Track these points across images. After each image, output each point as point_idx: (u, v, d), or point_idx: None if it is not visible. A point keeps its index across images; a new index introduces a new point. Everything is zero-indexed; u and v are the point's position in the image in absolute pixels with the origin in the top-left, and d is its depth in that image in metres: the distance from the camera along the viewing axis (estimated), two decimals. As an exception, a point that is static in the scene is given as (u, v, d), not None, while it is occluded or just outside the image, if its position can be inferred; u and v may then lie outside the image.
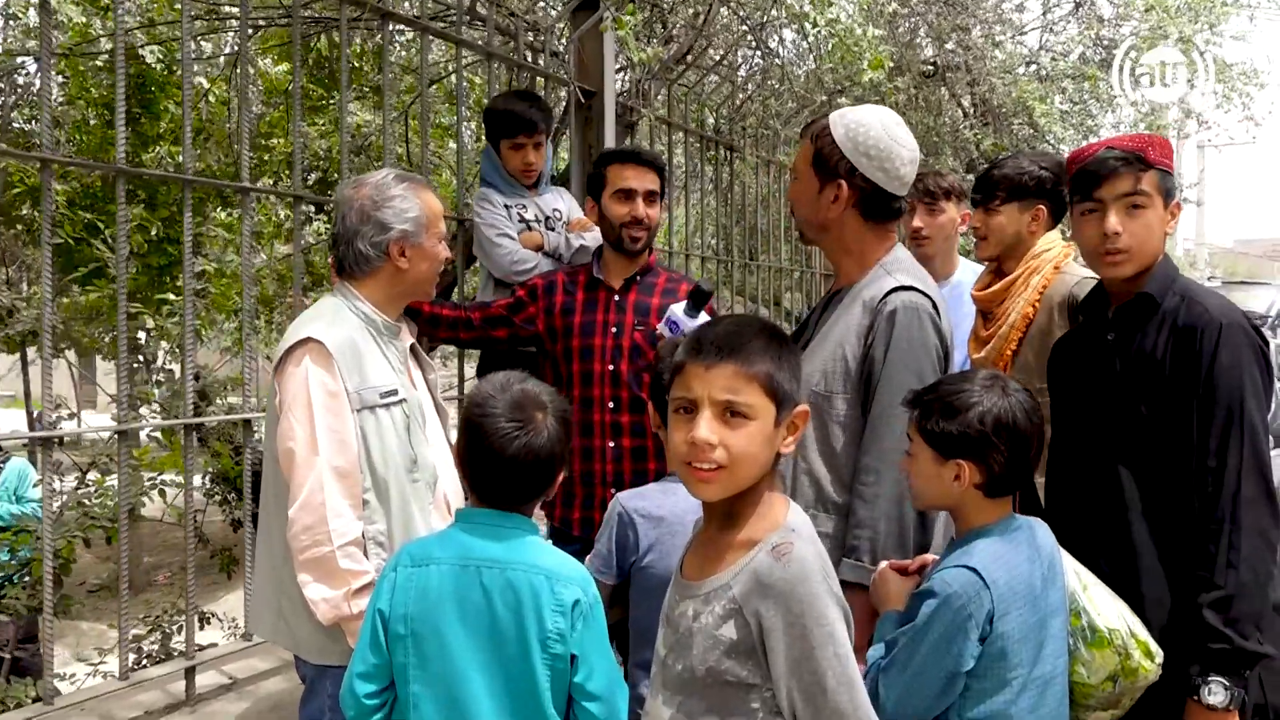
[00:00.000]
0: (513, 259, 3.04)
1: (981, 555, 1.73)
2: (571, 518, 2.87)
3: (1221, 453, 1.91)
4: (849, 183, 2.18)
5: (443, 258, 2.31)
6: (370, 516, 2.11)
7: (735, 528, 1.52)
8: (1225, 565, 1.86)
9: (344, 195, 2.27)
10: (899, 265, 2.22)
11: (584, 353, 2.85)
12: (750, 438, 1.46)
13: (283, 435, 2.08)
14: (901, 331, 2.09)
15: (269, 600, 2.19)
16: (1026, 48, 9.56)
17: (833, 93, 5.72)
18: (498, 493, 1.78)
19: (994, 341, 2.75)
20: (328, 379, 2.08)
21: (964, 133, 8.73)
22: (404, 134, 5.15)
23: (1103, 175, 2.08)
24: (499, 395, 1.76)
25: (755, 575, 1.45)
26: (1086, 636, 1.82)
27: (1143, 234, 2.07)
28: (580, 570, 1.77)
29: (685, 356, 1.50)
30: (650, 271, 2.92)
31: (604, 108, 3.97)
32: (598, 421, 2.82)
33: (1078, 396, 2.18)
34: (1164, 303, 2.06)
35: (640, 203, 2.83)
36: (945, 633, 1.68)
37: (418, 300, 2.49)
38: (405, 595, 1.75)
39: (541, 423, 1.75)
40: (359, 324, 2.20)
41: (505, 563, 1.73)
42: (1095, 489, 2.09)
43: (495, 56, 3.65)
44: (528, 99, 3.19)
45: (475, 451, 1.76)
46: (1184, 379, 1.97)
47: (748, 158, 5.55)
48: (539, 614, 1.69)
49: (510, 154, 3.10)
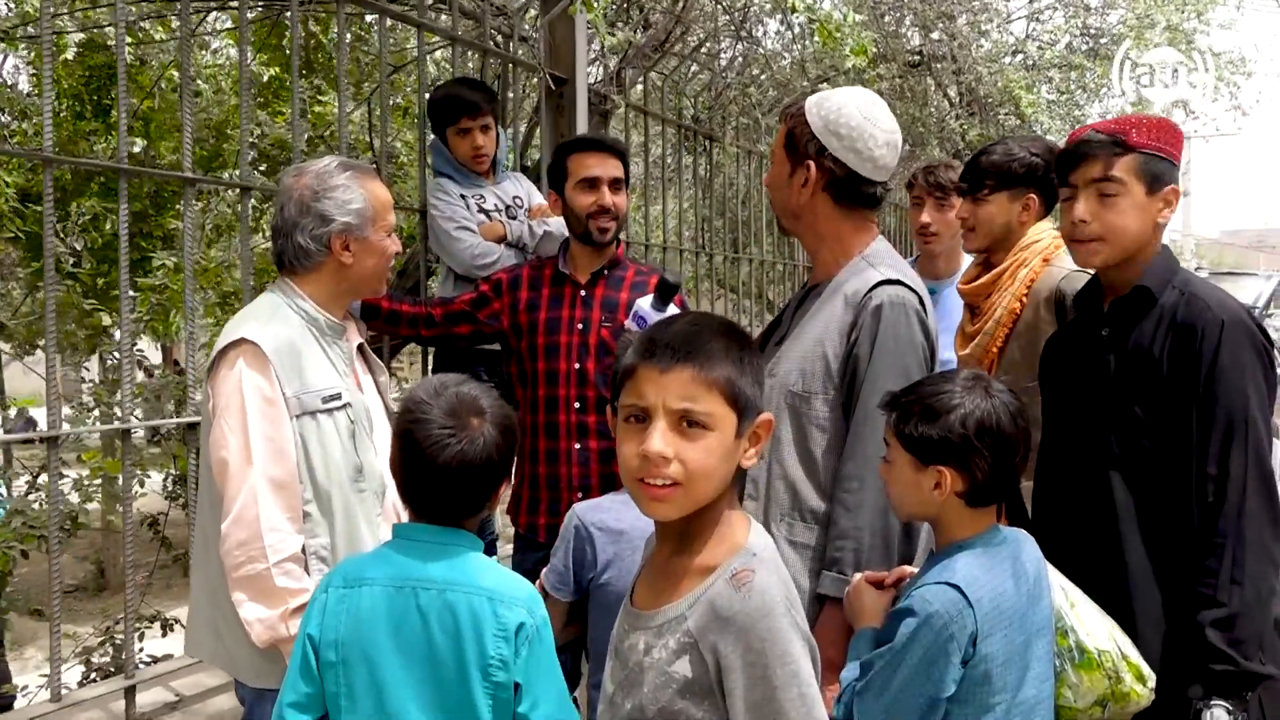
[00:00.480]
0: (474, 252, 2.90)
1: (964, 571, 1.60)
2: (537, 523, 2.73)
3: (1223, 461, 1.79)
4: (818, 164, 2.06)
5: (391, 252, 2.17)
6: (312, 530, 1.97)
7: (691, 551, 1.38)
8: (1229, 582, 1.74)
9: (284, 184, 2.12)
10: (881, 258, 2.09)
11: (549, 350, 2.71)
12: (709, 450, 1.31)
13: (215, 444, 1.94)
14: (887, 329, 1.96)
15: (206, 619, 2.05)
16: (1013, 36, 9.46)
17: (815, 80, 5.59)
18: (431, 506, 1.64)
19: (979, 337, 2.63)
20: (263, 383, 1.94)
21: (950, 123, 8.63)
22: (369, 122, 5.00)
23: (1075, 159, 1.97)
24: (432, 400, 1.62)
25: (712, 606, 1.31)
26: (1074, 658, 1.70)
27: (1115, 222, 1.94)
28: (526, 590, 1.64)
29: (637, 359, 1.35)
30: (618, 265, 2.78)
31: (576, 96, 3.82)
32: (563, 422, 2.69)
33: (1069, 396, 2.06)
34: (1162, 297, 1.93)
35: (606, 191, 2.69)
36: (925, 655, 1.55)
37: (369, 297, 2.35)
38: (336, 619, 1.61)
39: (477, 429, 1.61)
40: (299, 323, 2.06)
41: (443, 583, 1.59)
42: (1086, 495, 1.97)
43: (460, 42, 3.51)
44: (467, 83, 3.09)
45: (406, 461, 1.62)
46: (1182, 380, 1.85)
47: (728, 148, 5.42)
48: (479, 639, 1.56)
49: (457, 141, 2.99)
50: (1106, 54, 9.28)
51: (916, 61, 8.53)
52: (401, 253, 2.25)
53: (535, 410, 2.72)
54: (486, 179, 3.05)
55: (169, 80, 5.55)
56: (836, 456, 1.99)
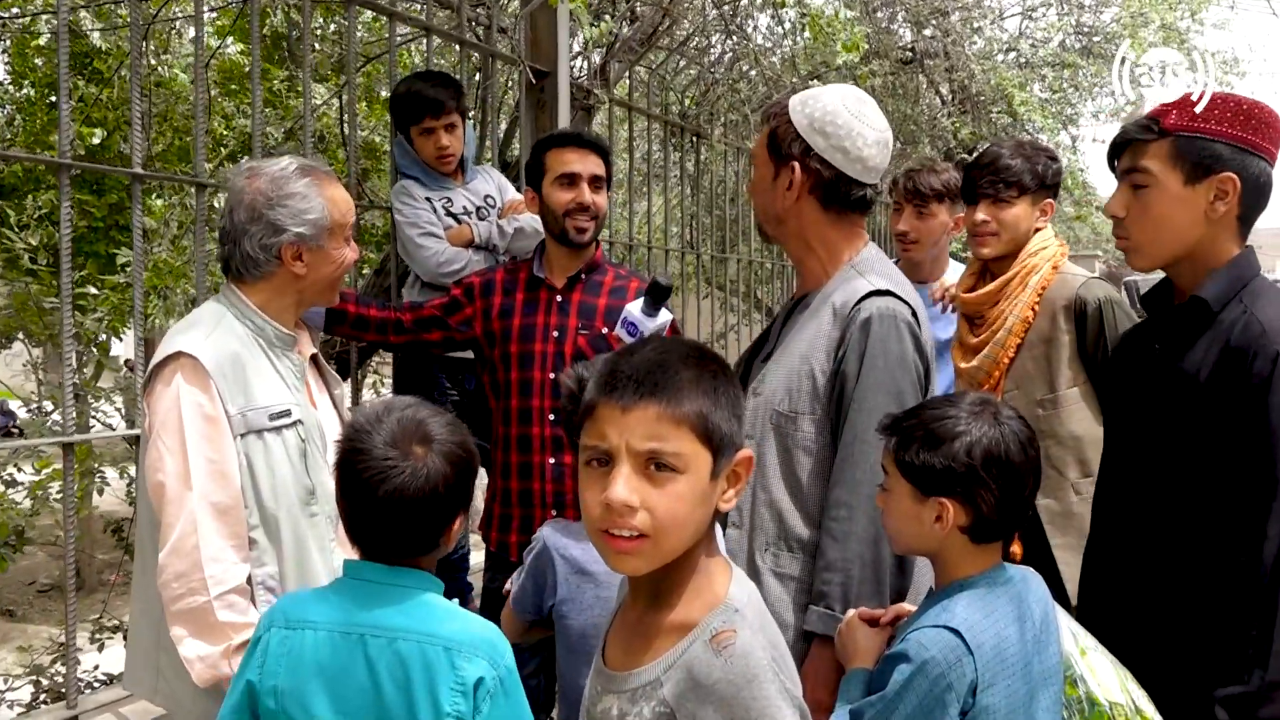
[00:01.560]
0: (439, 260, 2.75)
1: (965, 614, 1.46)
2: (509, 541, 2.58)
3: (1260, 518, 1.55)
4: (803, 165, 1.92)
5: (349, 261, 2.01)
6: (259, 558, 1.82)
7: (665, 605, 1.23)
8: (1251, 659, 1.54)
9: (234, 185, 1.95)
10: (871, 266, 1.94)
11: (523, 359, 2.56)
12: (679, 497, 1.16)
13: (151, 466, 1.79)
14: (876, 345, 1.81)
15: (147, 655, 1.90)
16: (1006, 33, 9.35)
17: (806, 77, 5.45)
18: (375, 543, 1.49)
19: (988, 349, 2.48)
20: (203, 400, 1.78)
21: (942, 121, 8.51)
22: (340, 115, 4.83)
23: (1114, 149, 1.77)
24: (373, 427, 1.46)
25: (690, 673, 1.16)
26: (1084, 710, 1.56)
27: (1142, 218, 1.70)
28: (489, 637, 1.48)
29: (596, 394, 1.19)
30: (597, 268, 2.63)
31: (558, 90, 3.66)
32: (537, 435, 2.54)
33: (1124, 414, 1.85)
34: (1222, 312, 1.66)
35: (585, 188, 2.54)
36: (920, 704, 1.41)
37: (321, 305, 2.19)
38: (276, 663, 1.46)
39: (421, 460, 1.44)
40: (245, 334, 1.90)
41: (394, 630, 1.44)
42: (1128, 526, 1.78)
43: (435, 32, 3.35)
44: (431, 78, 2.90)
45: (345, 494, 1.47)
46: (1226, 413, 1.60)
47: (716, 145, 5.27)
48: (433, 693, 1.40)
49: (422, 141, 2.83)
50: (1100, 52, 9.19)
51: (909, 58, 8.41)
52: (361, 259, 2.09)
53: (508, 422, 2.57)
54: (455, 179, 2.89)
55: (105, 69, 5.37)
56: (824, 482, 1.85)
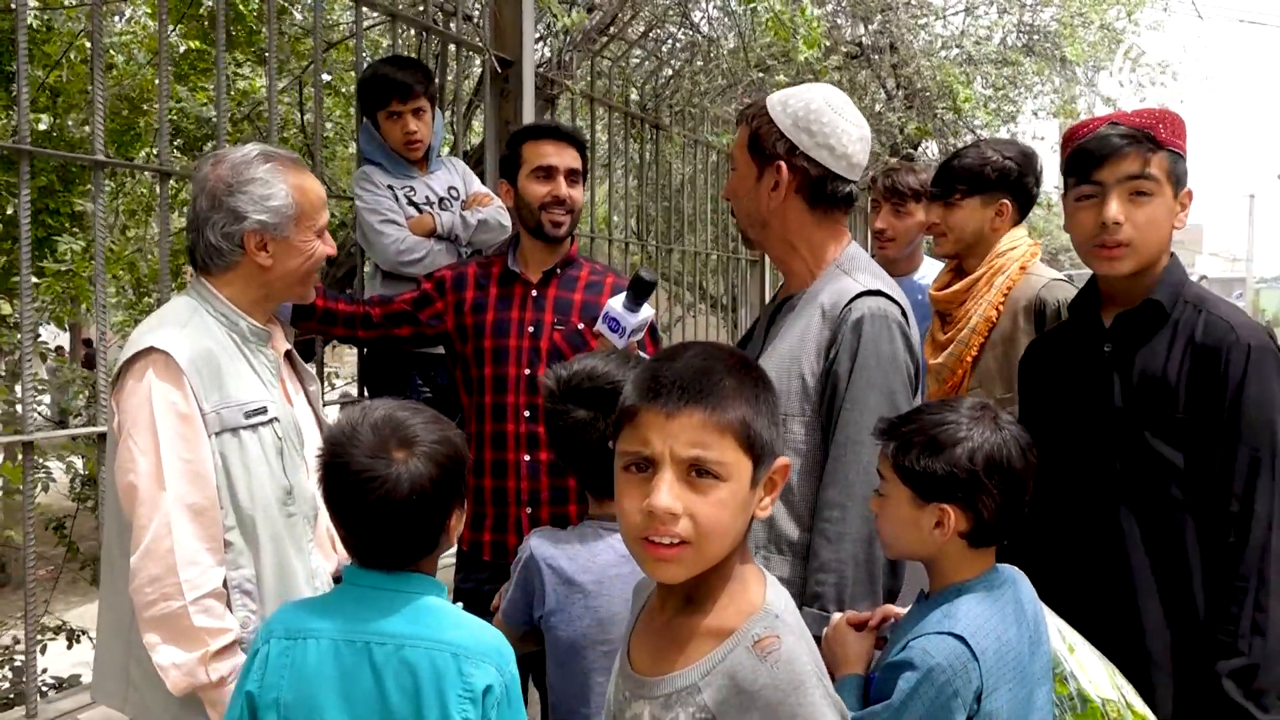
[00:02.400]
0: (399, 248, 2.68)
1: (967, 620, 1.46)
2: (481, 540, 2.55)
3: (1248, 498, 1.67)
4: (789, 164, 1.91)
5: (320, 255, 1.94)
6: (235, 560, 1.76)
7: (700, 611, 1.22)
8: (1250, 630, 1.63)
9: (200, 173, 1.88)
10: (857, 264, 1.94)
11: (497, 355, 2.52)
12: (722, 504, 1.15)
13: (121, 467, 1.72)
14: (869, 345, 1.81)
15: (116, 664, 1.82)
16: (952, 27, 9.47)
17: (765, 70, 5.44)
18: (370, 551, 1.46)
19: (952, 346, 2.51)
20: (177, 398, 1.72)
21: (888, 115, 8.59)
22: (300, 101, 4.71)
23: (1104, 155, 1.80)
24: (351, 433, 1.43)
25: (733, 679, 1.15)
26: (1076, 707, 1.58)
27: (1147, 225, 1.80)
28: (495, 643, 1.45)
29: (639, 399, 1.18)
30: (572, 263, 2.60)
31: (523, 79, 3.61)
32: (512, 433, 2.50)
33: (1064, 415, 1.92)
34: (1173, 313, 1.80)
35: (562, 181, 2.50)
36: (927, 713, 1.41)
37: (294, 301, 2.12)
38: (278, 675, 1.42)
39: (403, 463, 1.41)
40: (219, 329, 1.84)
41: (400, 637, 1.40)
42: (1090, 526, 1.84)
43: (400, 18, 3.27)
44: (400, 62, 2.84)
45: (332, 504, 1.44)
46: (1204, 408, 1.72)
47: (675, 137, 5.25)
48: (442, 700, 1.38)
49: (389, 126, 2.75)
50: (1041, 51, 9.37)
51: (855, 53, 8.47)
52: (336, 254, 2.03)
53: (481, 419, 2.53)
54: (419, 169, 2.82)
55: (80, 50, 5.16)
56: (815, 483, 1.85)
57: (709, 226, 5.92)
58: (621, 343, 2.14)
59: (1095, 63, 9.37)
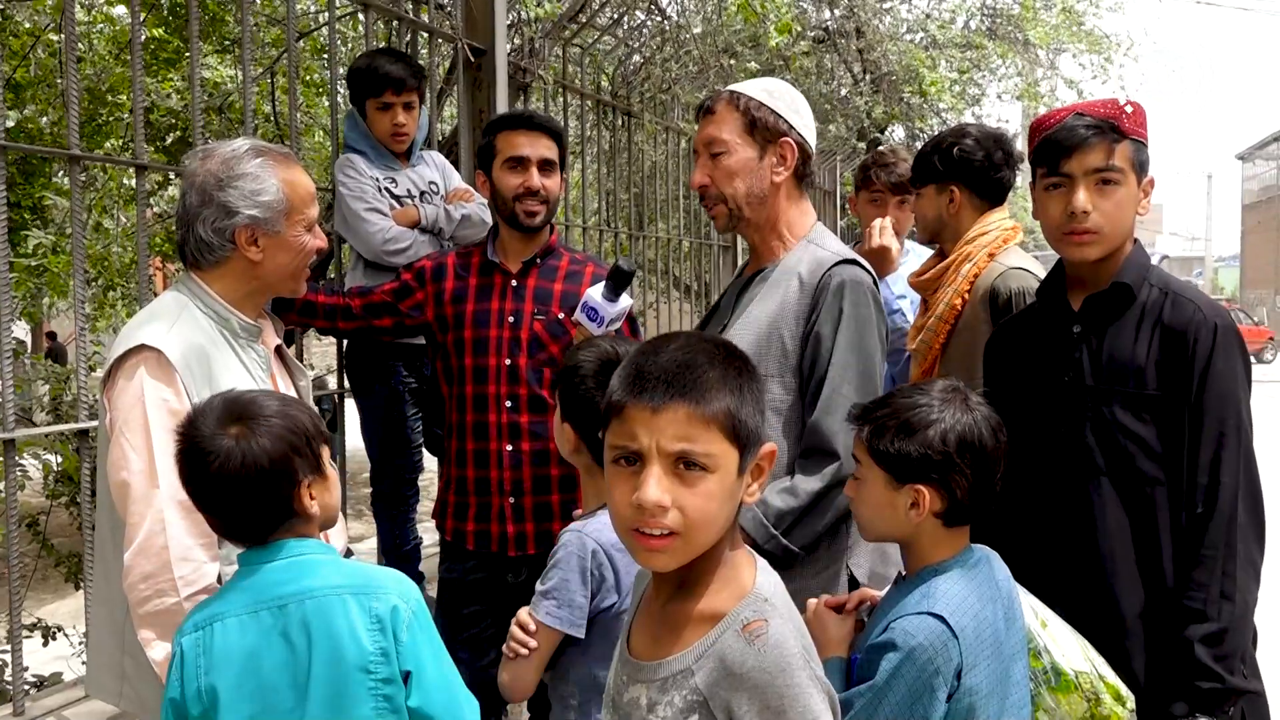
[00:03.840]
0: (384, 236, 2.69)
1: (946, 599, 1.51)
2: (465, 529, 2.57)
3: (1214, 470, 1.75)
4: (793, 140, 2.09)
5: (310, 249, 1.95)
6: (228, 555, 1.76)
7: (692, 595, 1.26)
8: (1218, 596, 1.71)
9: (188, 168, 1.89)
10: (827, 239, 2.11)
11: (477, 345, 2.53)
12: (709, 495, 1.19)
13: (114, 465, 1.72)
14: (850, 309, 1.96)
15: (110, 659, 1.83)
16: (917, 11, 9.53)
17: (735, 56, 5.47)
18: (225, 525, 1.57)
19: (923, 333, 2.57)
20: (169, 395, 1.72)
21: (855, 100, 8.64)
22: (271, 91, 4.67)
23: (1071, 146, 1.86)
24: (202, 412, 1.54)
25: (723, 661, 1.19)
26: (1050, 680, 1.63)
27: (1114, 213, 1.87)
28: (391, 576, 1.55)
29: (625, 394, 1.20)
30: (552, 253, 2.61)
31: (495, 68, 3.60)
32: (493, 422, 2.52)
33: (1032, 395, 1.98)
34: (1140, 295, 1.87)
35: (534, 172, 2.51)
36: (910, 692, 1.46)
37: (284, 295, 2.12)
38: (194, 667, 1.48)
39: (240, 438, 1.51)
40: (209, 325, 1.84)
41: (299, 595, 1.48)
42: (1063, 502, 1.90)
43: (373, 7, 3.26)
44: (393, 55, 2.86)
45: (186, 479, 1.55)
46: (1173, 386, 1.80)
47: (646, 124, 5.26)
48: (355, 638, 1.46)
49: (378, 116, 2.76)
50: (1004, 34, 9.45)
51: (822, 38, 8.51)
52: (324, 249, 2.03)
53: (463, 409, 2.54)
54: (401, 162, 2.83)
55: (46, 43, 5.08)
56: (793, 442, 1.98)
57: (680, 213, 5.94)
58: (599, 332, 2.17)
59: (1057, 45, 9.49)
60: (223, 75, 5.32)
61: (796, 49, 6.20)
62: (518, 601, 2.47)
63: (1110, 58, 9.36)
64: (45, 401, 4.49)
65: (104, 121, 5.43)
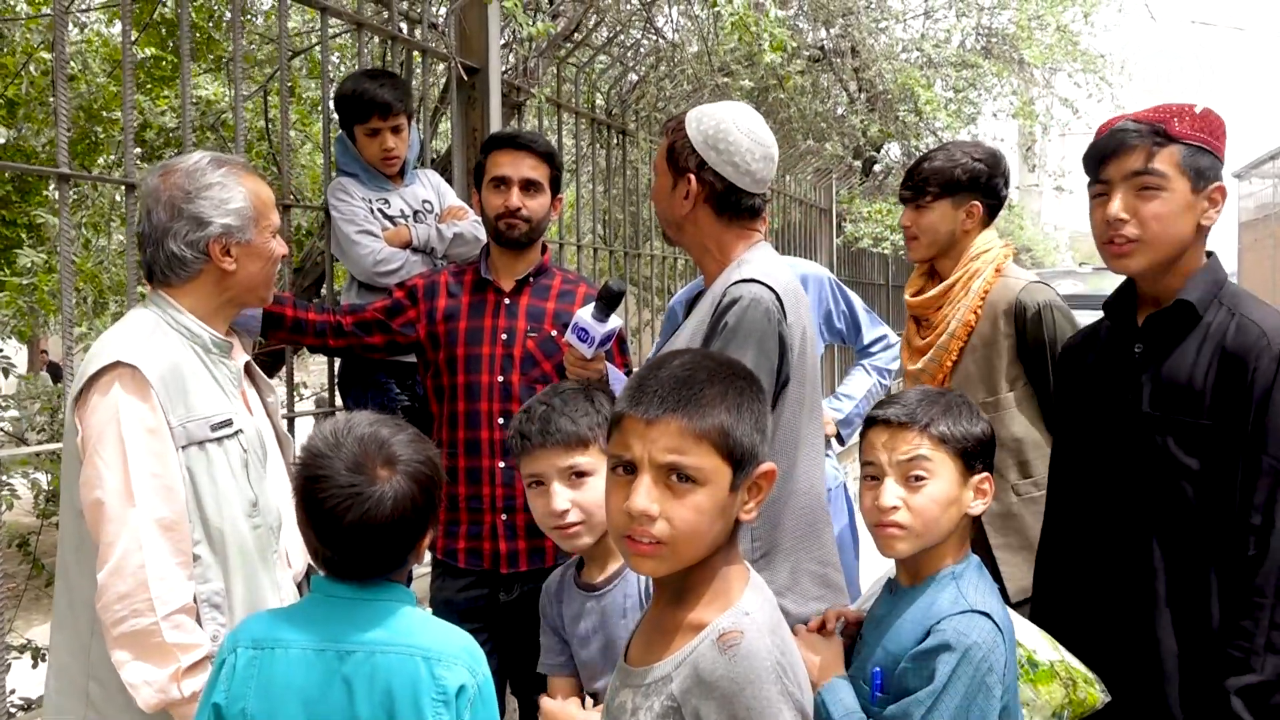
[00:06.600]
0: (375, 258, 2.67)
1: (979, 598, 1.51)
2: (456, 548, 2.55)
3: (1269, 511, 1.61)
4: (698, 177, 2.07)
5: (278, 256, 1.94)
6: (203, 574, 1.75)
7: (684, 607, 1.28)
8: (1263, 647, 1.59)
9: (148, 185, 1.86)
10: (750, 260, 2.10)
11: (470, 362, 2.52)
12: (697, 508, 1.21)
13: (87, 483, 1.69)
14: (731, 319, 1.96)
15: (74, 684, 1.78)
16: (912, 31, 9.57)
17: (730, 74, 5.47)
18: (343, 568, 1.46)
19: (932, 352, 2.53)
20: (145, 412, 1.70)
21: (850, 118, 8.66)
22: (264, 109, 4.66)
23: (1109, 151, 1.77)
24: (332, 452, 1.43)
25: (695, 669, 1.21)
26: (1028, 670, 1.62)
27: (1155, 221, 1.73)
28: (467, 646, 1.46)
29: (624, 406, 1.25)
30: (545, 272, 2.60)
31: (489, 86, 3.61)
32: (486, 440, 2.50)
33: (1093, 415, 1.88)
34: (1206, 314, 1.73)
35: (515, 191, 2.50)
36: (968, 692, 1.43)
37: (256, 305, 2.10)
38: (245, 685, 1.42)
39: (385, 482, 1.42)
40: (181, 341, 1.82)
41: (372, 645, 1.41)
42: (1108, 531, 1.82)
43: (366, 26, 3.26)
44: (380, 77, 2.82)
45: (311, 522, 1.44)
46: (1228, 415, 1.67)
47: (641, 142, 5.26)
48: (416, 706, 1.39)
49: (366, 141, 2.74)
50: (999, 53, 9.49)
51: (818, 56, 8.53)
52: (289, 254, 2.02)
53: (455, 426, 2.53)
54: (394, 182, 2.82)
55: (39, 61, 5.07)
56: None
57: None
58: (590, 352, 2.16)
59: (1053, 64, 9.53)
60: (218, 94, 5.32)
61: (791, 68, 6.20)
62: (510, 620, 2.46)
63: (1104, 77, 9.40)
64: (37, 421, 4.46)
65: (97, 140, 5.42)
